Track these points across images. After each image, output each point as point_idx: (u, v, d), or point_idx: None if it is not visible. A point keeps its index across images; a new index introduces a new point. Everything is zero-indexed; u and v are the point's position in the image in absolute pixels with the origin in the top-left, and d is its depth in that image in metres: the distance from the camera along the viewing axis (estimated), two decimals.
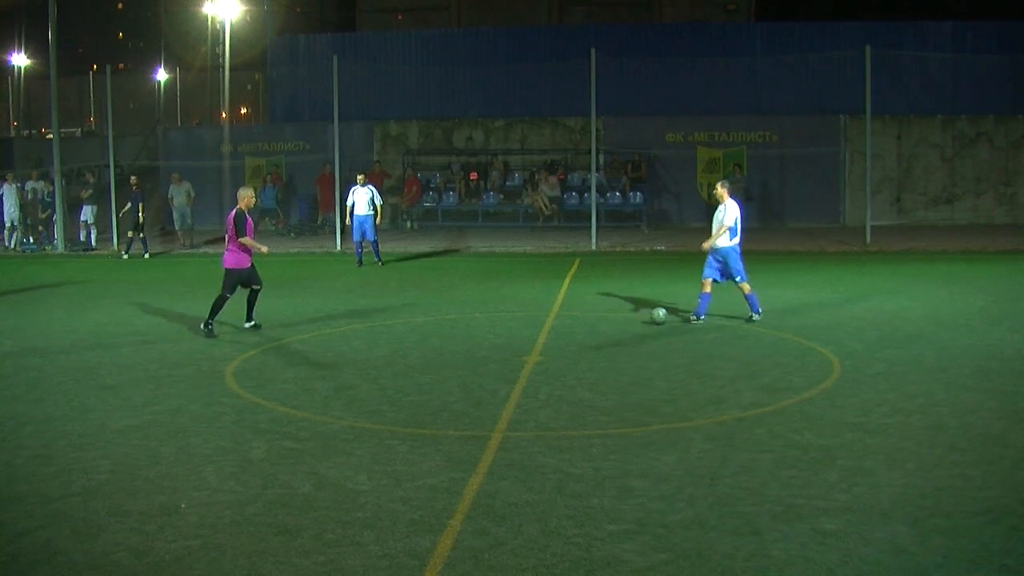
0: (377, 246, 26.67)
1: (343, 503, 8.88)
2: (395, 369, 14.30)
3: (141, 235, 30.87)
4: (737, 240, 17.20)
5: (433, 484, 9.29)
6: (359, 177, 26.84)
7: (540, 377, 13.64)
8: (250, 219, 17.12)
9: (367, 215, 26.11)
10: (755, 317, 17.26)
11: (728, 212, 17.09)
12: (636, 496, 8.93)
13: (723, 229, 17.03)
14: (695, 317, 17.28)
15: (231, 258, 16.93)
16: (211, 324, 16.87)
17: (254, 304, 17.47)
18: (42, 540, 8.24)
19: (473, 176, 38.06)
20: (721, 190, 17.42)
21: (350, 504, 8.85)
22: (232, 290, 16.98)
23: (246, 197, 17.21)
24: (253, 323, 17.43)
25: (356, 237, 26.46)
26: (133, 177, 31.81)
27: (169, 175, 36.02)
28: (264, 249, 17.31)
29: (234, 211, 16.94)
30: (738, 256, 17.21)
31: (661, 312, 17.27)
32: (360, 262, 26.43)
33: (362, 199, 26.06)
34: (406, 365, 14.55)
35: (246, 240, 16.83)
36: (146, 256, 30.43)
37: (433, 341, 16.27)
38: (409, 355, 15.23)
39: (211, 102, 55.49)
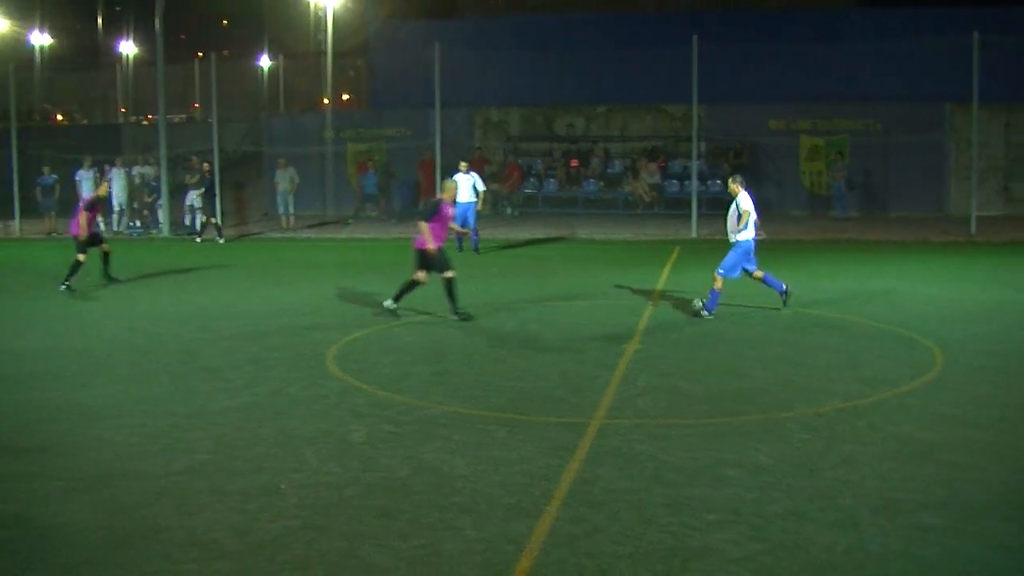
0: (477, 234, 26.70)
1: (441, 487, 8.94)
2: (494, 355, 14.36)
3: (213, 221, 31.30)
4: (752, 235, 16.88)
5: (530, 470, 9.32)
6: (462, 164, 26.83)
7: (639, 365, 13.60)
8: (446, 210, 16.97)
9: (470, 202, 26.09)
10: (704, 314, 16.72)
11: (743, 204, 16.75)
12: (732, 486, 8.88)
13: (744, 219, 16.67)
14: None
15: (421, 240, 16.72)
16: (459, 311, 16.81)
17: (405, 291, 17.15)
18: (146, 516, 8.41)
19: (574, 163, 37.99)
20: (733, 185, 17.00)
21: (448, 488, 8.90)
22: (443, 268, 16.74)
23: (450, 189, 17.45)
24: (395, 306, 17.20)
25: (457, 223, 26.38)
26: (206, 164, 32.17)
27: (273, 161, 36.46)
28: (431, 246, 16.82)
29: (438, 198, 17.06)
30: (746, 252, 16.85)
31: (698, 302, 17.02)
32: (460, 248, 26.41)
33: (465, 186, 26.03)
34: (505, 351, 14.59)
35: (423, 226, 16.72)
36: (220, 241, 30.94)
37: (532, 327, 16.28)
38: (508, 341, 15.26)
39: (314, 89, 55.97)
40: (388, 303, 17.13)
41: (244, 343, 15.39)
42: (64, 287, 20.50)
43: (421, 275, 16.77)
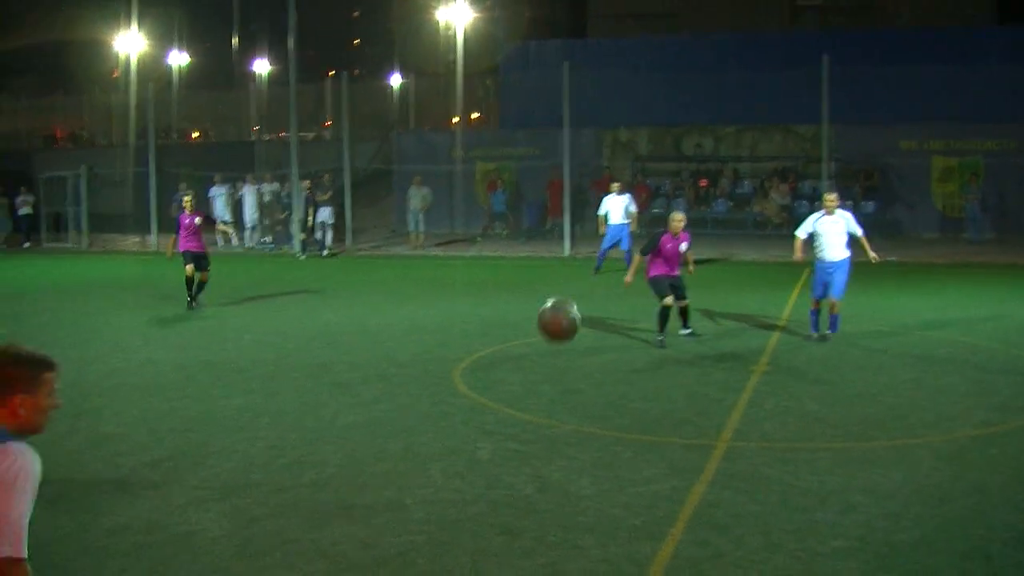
0: (630, 256, 26.42)
1: (565, 506, 8.94)
2: (620, 375, 14.32)
3: (314, 235, 31.85)
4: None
5: (655, 491, 9.28)
6: (614, 185, 26.61)
7: (766, 387, 13.47)
8: (668, 244, 16.59)
9: (623, 223, 25.87)
10: (827, 333, 16.55)
11: (852, 222, 16.50)
12: (861, 512, 8.74)
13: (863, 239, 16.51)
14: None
15: (651, 269, 16.67)
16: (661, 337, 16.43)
17: (685, 312, 16.92)
18: (274, 528, 8.55)
19: (703, 183, 37.80)
20: (831, 197, 16.81)
21: (572, 508, 8.91)
22: (663, 292, 16.47)
23: (676, 220, 16.77)
24: (689, 331, 16.93)
25: (606, 245, 26.06)
26: (306, 182, 32.72)
27: (402, 179, 36.88)
28: (628, 279, 16.98)
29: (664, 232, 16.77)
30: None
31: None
32: (598, 269, 26.14)
33: (617, 207, 25.84)
34: (631, 370, 14.55)
35: (637, 259, 16.91)
36: (324, 254, 31.69)
37: (659, 348, 16.18)
38: (635, 361, 15.20)
39: (443, 107, 56.46)
40: (659, 337, 16.36)
41: (373, 359, 15.56)
42: (192, 304, 20.76)
43: (668, 299, 16.37)
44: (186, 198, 21.45)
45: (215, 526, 8.62)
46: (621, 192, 26.24)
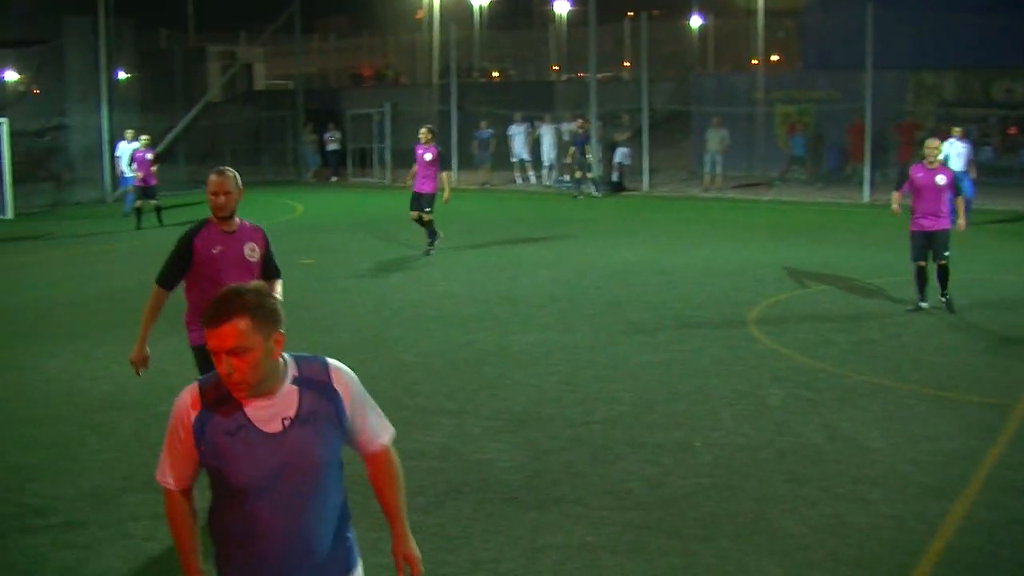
0: (968, 204, 24.76)
1: (853, 458, 8.86)
2: (918, 327, 13.93)
3: (588, 175, 31.91)
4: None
5: (949, 449, 9.07)
6: (955, 130, 25.61)
7: None
8: (919, 175, 14.75)
9: (963, 171, 24.62)
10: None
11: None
12: None
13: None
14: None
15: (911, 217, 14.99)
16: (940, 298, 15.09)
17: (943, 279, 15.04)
18: (564, 461, 8.80)
19: (1012, 131, 36.12)
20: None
21: (861, 460, 8.82)
22: (915, 255, 14.89)
23: (929, 148, 14.94)
24: (946, 300, 14.87)
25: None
26: (580, 121, 32.82)
27: (699, 121, 36.64)
28: (960, 223, 15.42)
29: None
30: None
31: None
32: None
33: (958, 153, 24.77)
34: (928, 324, 14.14)
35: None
36: (578, 196, 31.77)
37: (961, 302, 15.44)
38: (934, 313, 14.71)
39: (743, 49, 55.63)
40: (917, 304, 14.90)
41: (666, 300, 15.67)
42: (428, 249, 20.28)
43: (921, 262, 14.86)
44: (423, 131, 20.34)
45: (506, 456, 8.94)
46: (962, 138, 25.23)
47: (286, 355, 3.96)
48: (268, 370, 3.85)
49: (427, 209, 19.78)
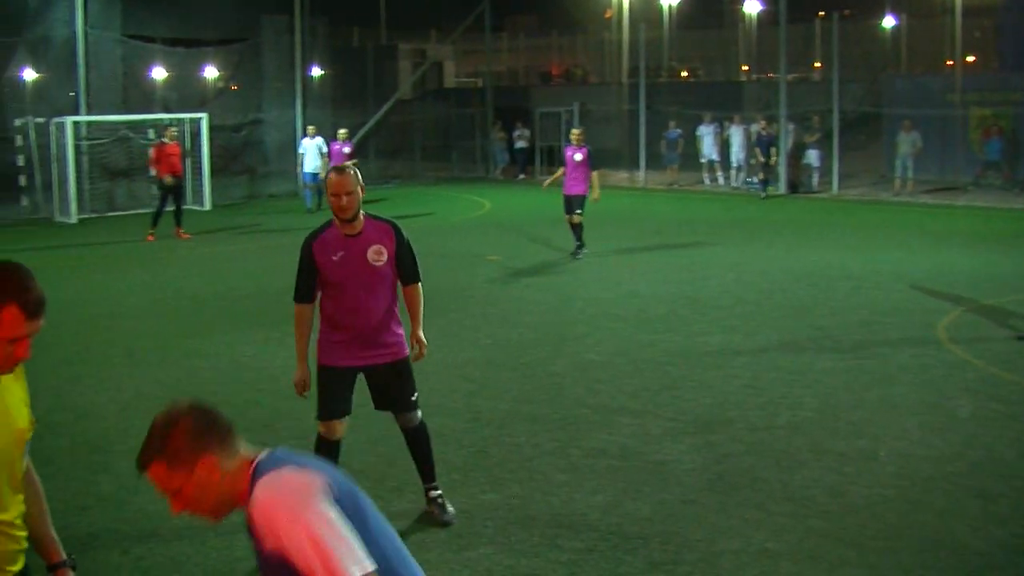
0: None
1: None
2: None
3: (761, 176, 31.78)
4: None
5: None
6: None
7: None
8: None
9: None
10: None
11: None
12: None
13: None
14: None
15: None
16: None
17: None
18: (745, 465, 8.74)
19: None
20: None
21: None
22: None
23: None
24: None
25: None
26: (763, 122, 32.46)
27: (892, 123, 35.85)
28: None
29: None
30: None
31: None
32: None
33: None
34: None
35: None
36: (763, 197, 31.44)
37: None
38: None
39: (937, 49, 54.27)
40: None
41: (854, 305, 15.37)
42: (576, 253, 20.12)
43: None
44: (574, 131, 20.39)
45: (687, 458, 8.92)
46: None
47: None
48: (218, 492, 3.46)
49: (578, 211, 19.75)
